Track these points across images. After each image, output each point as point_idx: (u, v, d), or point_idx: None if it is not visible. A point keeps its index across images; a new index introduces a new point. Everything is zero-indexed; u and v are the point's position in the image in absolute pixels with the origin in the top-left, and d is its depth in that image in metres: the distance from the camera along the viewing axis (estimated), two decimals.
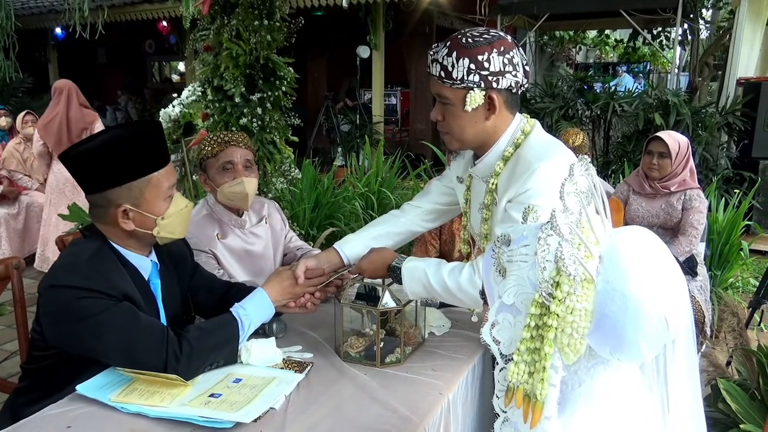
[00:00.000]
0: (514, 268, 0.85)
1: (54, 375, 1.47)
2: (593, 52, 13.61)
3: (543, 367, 0.77)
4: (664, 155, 3.07)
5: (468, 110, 1.43)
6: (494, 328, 0.87)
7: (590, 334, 0.78)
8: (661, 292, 0.76)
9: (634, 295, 0.74)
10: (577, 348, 0.78)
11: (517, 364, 0.80)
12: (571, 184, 0.80)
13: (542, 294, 0.78)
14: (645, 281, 0.75)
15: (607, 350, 0.79)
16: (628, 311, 0.74)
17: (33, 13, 9.58)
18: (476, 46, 1.39)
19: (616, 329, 0.76)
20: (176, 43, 10.15)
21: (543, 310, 0.79)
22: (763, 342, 3.01)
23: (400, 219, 1.84)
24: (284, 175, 3.40)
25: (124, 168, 1.45)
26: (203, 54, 3.06)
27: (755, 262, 4.60)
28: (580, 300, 0.76)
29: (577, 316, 0.76)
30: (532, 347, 0.79)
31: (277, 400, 1.38)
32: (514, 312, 0.85)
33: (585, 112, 6.35)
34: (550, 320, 0.77)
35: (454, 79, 1.41)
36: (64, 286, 1.39)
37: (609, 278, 0.76)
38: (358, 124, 8.42)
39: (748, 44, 6.07)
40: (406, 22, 8.24)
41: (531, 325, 0.79)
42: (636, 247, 0.79)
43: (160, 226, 1.51)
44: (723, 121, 5.78)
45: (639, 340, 0.76)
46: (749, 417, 1.98)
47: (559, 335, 0.77)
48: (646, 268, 0.76)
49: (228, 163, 2.04)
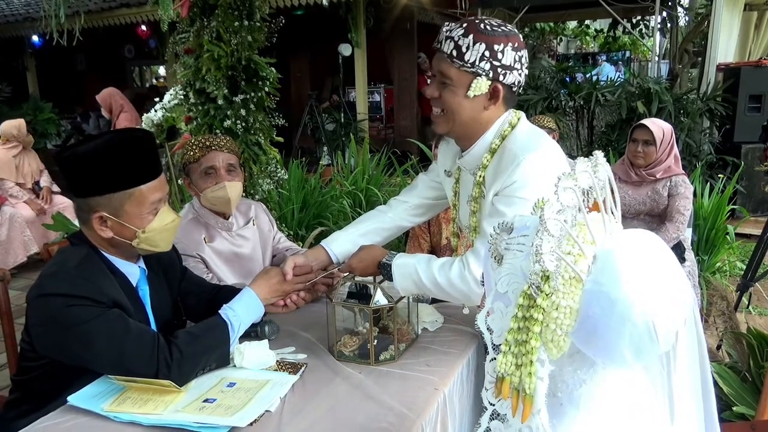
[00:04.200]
0: (509, 256, 0.84)
1: (45, 385, 1.45)
2: (574, 43, 13.68)
3: (530, 360, 0.76)
4: (649, 143, 3.08)
5: (470, 96, 1.43)
6: (489, 317, 0.86)
7: (573, 333, 0.76)
8: (654, 300, 0.72)
9: (621, 300, 0.72)
10: (561, 345, 0.77)
11: (505, 355, 0.79)
12: (570, 179, 0.77)
13: (531, 286, 0.77)
14: (636, 287, 0.72)
15: (590, 352, 0.78)
16: (613, 315, 0.72)
17: (8, 21, 9.44)
18: (494, 35, 1.39)
19: (597, 332, 0.74)
20: (156, 47, 10.06)
21: (531, 302, 0.77)
22: (752, 324, 3.05)
23: (387, 214, 1.83)
24: (270, 176, 3.38)
25: (106, 179, 1.42)
26: (184, 57, 3.04)
27: (741, 246, 4.65)
28: (566, 297, 0.75)
29: (561, 313, 0.75)
30: (519, 339, 0.78)
31: (272, 403, 1.37)
32: (506, 301, 0.84)
33: (568, 103, 6.38)
34: (536, 314, 0.76)
35: (465, 60, 1.39)
36: (52, 294, 1.37)
37: (599, 279, 0.74)
38: (342, 123, 8.39)
39: (727, 30, 6.13)
40: (386, 18, 8.23)
41: (518, 316, 0.78)
42: (635, 252, 0.76)
43: (140, 239, 1.48)
44: (704, 107, 5.83)
45: (621, 346, 0.73)
46: (741, 399, 2.00)
47: (544, 330, 0.77)
48: (640, 274, 0.73)
49: (210, 168, 2.03)
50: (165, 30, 3.24)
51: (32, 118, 8.70)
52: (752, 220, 5.17)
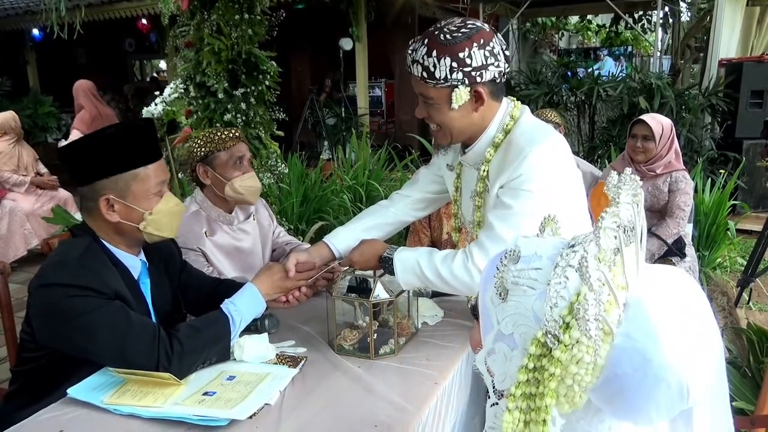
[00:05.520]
0: (518, 292, 0.71)
1: (45, 376, 1.45)
2: (576, 38, 13.64)
3: (543, 420, 0.66)
4: (648, 138, 3.08)
5: (455, 107, 1.43)
6: (489, 357, 0.75)
7: (594, 390, 0.66)
8: (690, 359, 0.63)
9: (657, 361, 0.62)
10: (575, 401, 0.67)
11: (512, 412, 0.68)
12: (612, 216, 0.65)
13: (546, 333, 0.65)
14: (672, 345, 0.62)
15: (609, 411, 0.68)
16: (646, 377, 0.63)
17: (9, 14, 9.42)
18: (456, 42, 1.37)
19: (625, 392, 0.64)
20: (157, 41, 10.04)
21: (544, 351, 0.66)
22: (752, 320, 3.04)
23: (390, 209, 1.83)
24: (271, 170, 3.38)
25: (111, 160, 1.45)
26: (184, 50, 3.03)
27: (742, 242, 4.64)
28: (590, 351, 0.63)
29: (582, 368, 0.64)
30: (528, 392, 0.67)
31: (272, 396, 1.37)
32: (511, 344, 0.72)
33: (570, 98, 6.37)
34: (552, 368, 0.65)
35: (437, 78, 1.39)
36: (54, 285, 1.37)
37: (632, 334, 0.63)
38: (343, 117, 8.38)
39: (729, 25, 6.11)
40: (388, 13, 8.20)
41: (529, 367, 0.67)
42: (668, 300, 0.66)
43: (147, 221, 1.50)
44: (706, 103, 5.82)
45: (650, 407, 0.65)
46: (741, 395, 2.00)
47: (558, 384, 0.66)
48: (676, 330, 0.63)
49: (239, 158, 2.07)
50: (165, 23, 3.25)
51: (32, 112, 8.70)
52: (753, 216, 5.17)
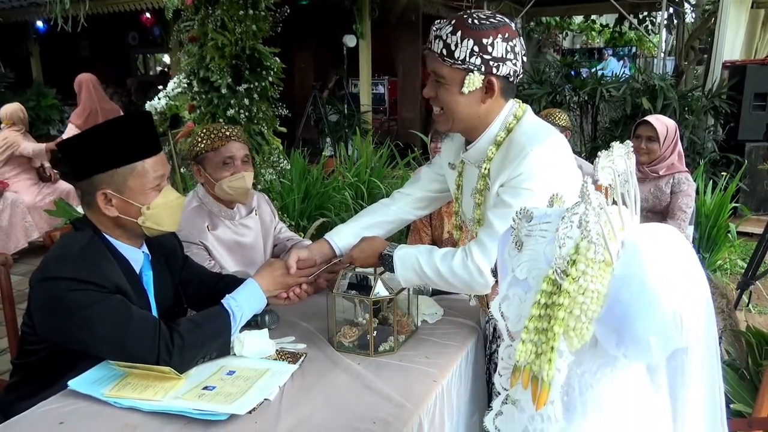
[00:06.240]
0: (531, 242, 0.82)
1: (46, 369, 1.46)
2: (579, 38, 13.62)
3: (551, 347, 0.74)
4: (653, 139, 3.08)
5: (465, 92, 1.43)
6: (504, 303, 0.84)
7: (599, 319, 0.74)
8: (681, 291, 0.72)
9: (652, 286, 0.70)
10: (583, 333, 0.74)
11: (525, 343, 0.77)
12: (608, 158, 0.75)
13: (556, 270, 0.75)
14: (666, 276, 0.71)
15: (614, 342, 0.75)
16: (643, 301, 0.71)
17: (13, 6, 9.42)
18: (482, 29, 1.38)
19: (627, 318, 0.72)
20: (160, 35, 10.04)
21: (554, 287, 0.75)
22: (751, 323, 3.05)
23: (391, 207, 1.83)
24: (273, 166, 3.38)
25: (108, 155, 1.45)
26: (188, 45, 3.03)
27: (743, 244, 4.65)
28: (594, 281, 0.72)
29: (588, 297, 0.72)
30: (540, 326, 0.76)
31: (272, 392, 1.37)
32: (526, 287, 0.81)
33: (573, 98, 6.36)
34: (561, 299, 0.74)
35: (455, 58, 1.40)
36: (55, 278, 1.38)
37: (629, 264, 0.72)
38: (346, 114, 8.38)
39: (733, 27, 6.10)
40: (392, 10, 8.20)
41: (541, 302, 0.76)
42: (662, 242, 0.75)
43: (146, 216, 1.49)
44: (709, 105, 5.81)
45: (649, 334, 0.72)
46: (739, 397, 2.00)
47: (567, 316, 0.74)
48: (668, 264, 0.72)
49: (229, 158, 2.04)
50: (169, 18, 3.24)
51: (35, 104, 8.70)
52: (754, 219, 5.17)
